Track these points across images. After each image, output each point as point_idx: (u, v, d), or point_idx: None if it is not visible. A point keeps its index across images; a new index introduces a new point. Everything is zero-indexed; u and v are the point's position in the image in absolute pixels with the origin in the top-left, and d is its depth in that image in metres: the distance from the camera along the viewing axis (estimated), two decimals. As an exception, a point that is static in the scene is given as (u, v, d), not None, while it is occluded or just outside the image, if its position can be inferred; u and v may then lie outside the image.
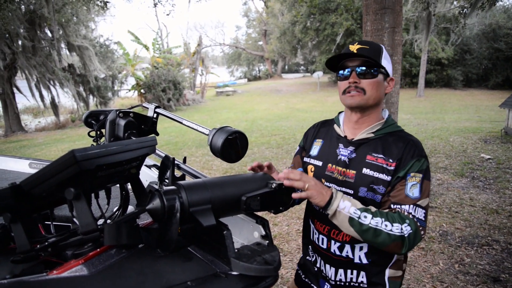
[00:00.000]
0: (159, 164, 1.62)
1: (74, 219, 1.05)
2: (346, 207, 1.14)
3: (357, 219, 1.13)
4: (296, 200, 1.16)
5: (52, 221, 1.08)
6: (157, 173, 1.59)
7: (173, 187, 0.94)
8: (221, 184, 0.99)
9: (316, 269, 1.46)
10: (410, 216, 1.17)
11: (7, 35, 12.87)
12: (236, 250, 0.93)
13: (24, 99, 15.90)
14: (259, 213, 1.14)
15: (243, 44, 46.60)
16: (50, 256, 1.00)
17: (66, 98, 17.70)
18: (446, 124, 10.17)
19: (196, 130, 1.39)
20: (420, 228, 1.17)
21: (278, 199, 1.08)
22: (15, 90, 15.32)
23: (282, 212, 1.20)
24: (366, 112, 1.33)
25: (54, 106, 16.22)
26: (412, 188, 1.20)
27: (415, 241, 1.15)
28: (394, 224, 1.13)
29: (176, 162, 1.42)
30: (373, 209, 1.17)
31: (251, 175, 1.12)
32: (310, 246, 1.49)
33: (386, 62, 1.30)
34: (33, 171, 2.02)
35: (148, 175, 1.59)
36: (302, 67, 44.43)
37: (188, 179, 1.31)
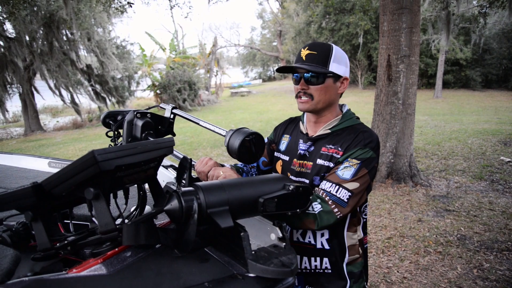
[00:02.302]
0: (175, 165, 1.63)
1: (93, 219, 1.06)
2: None
3: None
4: None
5: (71, 220, 1.09)
6: (174, 174, 1.61)
7: (190, 188, 0.94)
8: (239, 186, 0.99)
9: None
10: (324, 194, 1.25)
11: (27, 37, 13.15)
12: (253, 252, 0.93)
13: (43, 99, 16.22)
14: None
15: (258, 44, 46.60)
16: (69, 254, 1.01)
17: (83, 98, 18.00)
18: (464, 126, 9.98)
19: (213, 131, 1.39)
20: (333, 206, 1.23)
21: (295, 201, 1.07)
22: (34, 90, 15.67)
23: (298, 214, 1.19)
24: (320, 113, 1.43)
25: (75, 104, 16.49)
26: (344, 169, 1.29)
27: (330, 218, 1.22)
28: None
29: (193, 163, 1.43)
30: None
31: (268, 176, 1.11)
32: None
33: (335, 65, 1.34)
34: (53, 170, 2.06)
35: (165, 176, 1.60)
36: (317, 67, 44.07)
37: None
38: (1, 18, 11.99)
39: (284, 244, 1.02)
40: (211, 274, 0.91)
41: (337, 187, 1.25)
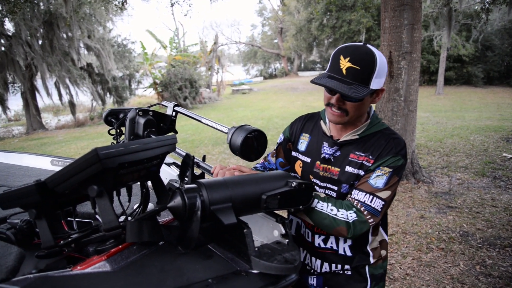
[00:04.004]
0: (178, 162, 1.63)
1: (97, 216, 1.07)
2: None
3: None
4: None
5: (74, 217, 1.10)
6: (177, 171, 1.61)
7: (194, 185, 0.94)
8: (242, 183, 0.99)
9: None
10: (359, 205, 1.22)
11: (29, 36, 13.15)
12: (256, 249, 0.93)
13: (45, 97, 16.25)
14: (279, 212, 1.14)
15: (259, 42, 46.58)
16: (73, 251, 1.02)
17: (85, 97, 18.05)
18: (466, 123, 9.95)
19: (215, 128, 1.39)
20: (369, 216, 1.21)
21: (298, 198, 1.08)
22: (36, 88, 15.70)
23: (301, 211, 1.19)
24: (349, 123, 1.34)
25: (72, 105, 16.53)
26: (376, 178, 1.25)
27: (362, 228, 1.21)
28: (340, 210, 1.20)
29: (196, 160, 1.43)
30: (322, 195, 1.25)
31: (271, 173, 1.11)
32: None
33: (377, 80, 1.21)
34: (55, 168, 2.06)
35: (167, 173, 1.60)
36: (318, 65, 44.10)
37: (208, 178, 1.31)
38: (1, 16, 11.99)
39: (287, 240, 1.02)
40: (215, 270, 0.91)
41: (371, 196, 1.23)
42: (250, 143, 1.26)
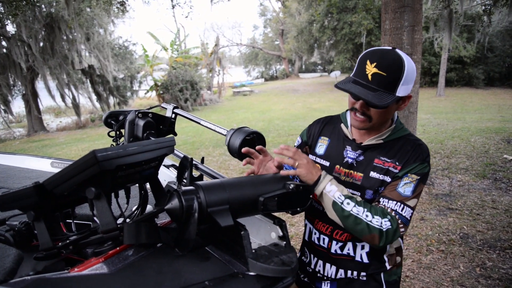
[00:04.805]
0: (177, 164, 1.64)
1: (95, 218, 1.07)
2: (332, 190, 1.18)
3: (339, 204, 1.16)
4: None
5: (73, 219, 1.10)
6: (175, 173, 1.61)
7: (191, 187, 0.95)
8: (239, 185, 1.00)
9: (311, 270, 1.47)
10: (393, 213, 1.20)
11: (30, 38, 13.19)
12: (253, 251, 0.94)
13: (45, 99, 16.27)
14: (277, 214, 1.14)
15: (260, 44, 46.61)
16: (71, 253, 1.02)
17: (86, 99, 18.07)
18: (467, 124, 9.94)
19: (214, 130, 1.40)
20: (401, 225, 1.20)
21: (295, 200, 1.08)
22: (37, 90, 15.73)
23: (299, 213, 1.20)
24: (373, 128, 1.31)
25: (76, 106, 16.55)
26: (404, 186, 1.23)
27: (394, 237, 1.18)
28: (375, 217, 1.16)
29: (194, 162, 1.43)
30: (358, 198, 1.21)
31: (269, 175, 1.12)
32: (305, 247, 1.52)
33: (404, 87, 1.17)
34: (55, 170, 2.07)
35: (166, 175, 1.60)
36: (319, 66, 44.13)
37: (206, 179, 1.32)
38: (1, 17, 12.02)
39: (284, 242, 1.03)
40: (212, 272, 0.91)
41: (402, 205, 1.20)
42: (249, 145, 1.26)
